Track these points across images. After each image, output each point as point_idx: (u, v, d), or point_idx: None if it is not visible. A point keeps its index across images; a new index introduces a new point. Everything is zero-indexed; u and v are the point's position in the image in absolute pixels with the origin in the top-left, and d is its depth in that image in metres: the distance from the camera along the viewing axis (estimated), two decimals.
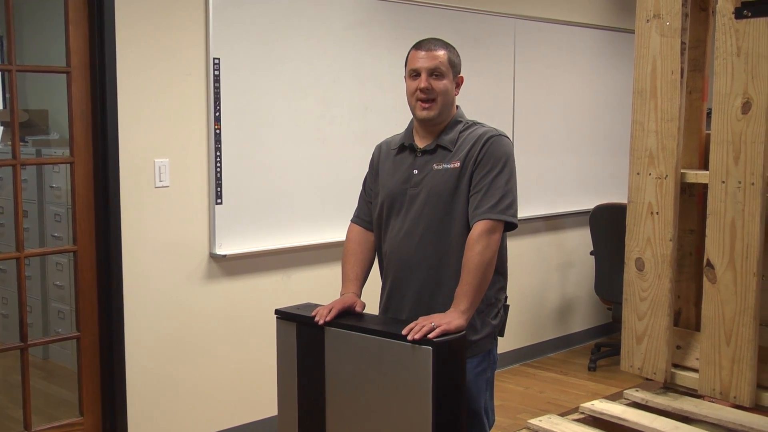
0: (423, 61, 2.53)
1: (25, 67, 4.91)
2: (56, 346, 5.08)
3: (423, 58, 2.54)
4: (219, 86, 3.75)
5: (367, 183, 2.79)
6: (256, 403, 4.02)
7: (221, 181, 3.79)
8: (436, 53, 2.54)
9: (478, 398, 2.56)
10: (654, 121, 2.99)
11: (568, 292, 5.73)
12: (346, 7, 4.18)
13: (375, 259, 2.74)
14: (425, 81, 2.52)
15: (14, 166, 3.40)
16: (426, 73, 2.52)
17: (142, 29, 3.53)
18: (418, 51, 2.56)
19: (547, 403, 4.63)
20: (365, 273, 2.70)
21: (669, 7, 2.93)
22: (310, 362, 2.51)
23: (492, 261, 2.46)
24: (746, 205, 2.78)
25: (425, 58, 2.53)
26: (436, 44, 2.57)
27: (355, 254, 2.70)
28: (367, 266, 2.72)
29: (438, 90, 2.53)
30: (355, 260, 2.69)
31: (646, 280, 3.03)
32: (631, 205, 3.09)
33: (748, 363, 2.80)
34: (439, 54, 2.54)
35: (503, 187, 2.48)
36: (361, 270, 2.68)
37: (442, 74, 2.54)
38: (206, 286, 3.84)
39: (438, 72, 2.53)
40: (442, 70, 2.53)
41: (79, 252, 3.52)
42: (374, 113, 4.32)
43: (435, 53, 2.54)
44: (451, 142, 2.56)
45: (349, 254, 2.71)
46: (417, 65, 2.54)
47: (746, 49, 2.76)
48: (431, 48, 2.55)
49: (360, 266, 2.69)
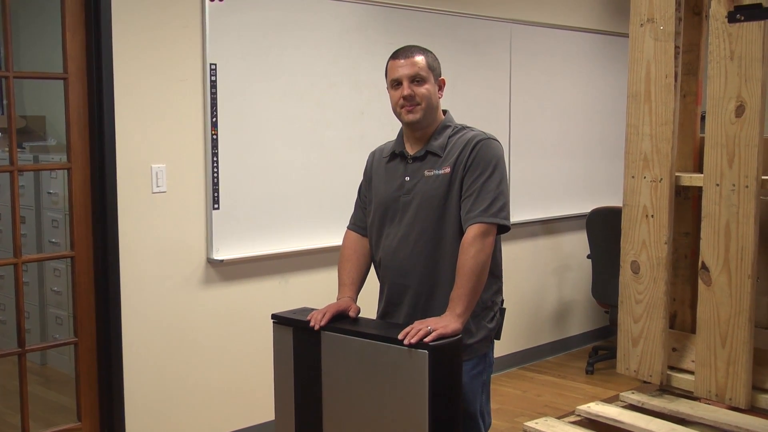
0: (402, 69, 2.55)
1: (23, 74, 4.91)
2: (54, 351, 5.08)
3: (402, 66, 2.55)
4: (215, 92, 3.76)
5: (362, 190, 2.80)
6: (253, 407, 4.03)
7: (218, 186, 3.79)
8: (414, 59, 2.55)
9: (474, 401, 2.57)
10: (648, 125, 3.01)
11: (565, 295, 5.74)
12: (342, 13, 4.20)
13: (371, 264, 2.76)
14: (407, 88, 2.53)
15: (11, 172, 3.41)
16: (407, 80, 2.54)
17: (139, 36, 3.55)
18: (397, 60, 2.57)
19: (544, 407, 4.64)
20: (361, 278, 2.71)
21: (663, 12, 2.94)
22: (306, 366, 2.52)
23: (486, 264, 2.47)
24: (740, 207, 2.79)
25: (404, 66, 2.55)
26: (413, 51, 2.58)
27: (350, 260, 2.72)
28: (362, 271, 2.72)
29: (420, 95, 2.54)
30: (351, 266, 2.71)
31: (642, 283, 3.05)
32: (626, 209, 3.10)
33: (743, 365, 2.81)
34: (417, 60, 2.55)
35: (494, 190, 2.50)
36: (356, 275, 2.69)
37: (423, 79, 2.55)
38: (203, 291, 3.84)
39: (419, 78, 2.54)
40: (422, 75, 2.55)
41: (77, 258, 3.52)
42: (370, 118, 4.33)
43: (413, 59, 2.55)
44: (441, 148, 2.57)
45: (345, 260, 2.73)
46: (397, 74, 2.56)
47: (739, 52, 2.78)
48: (408, 55, 2.56)
49: (355, 271, 2.70)
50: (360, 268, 2.71)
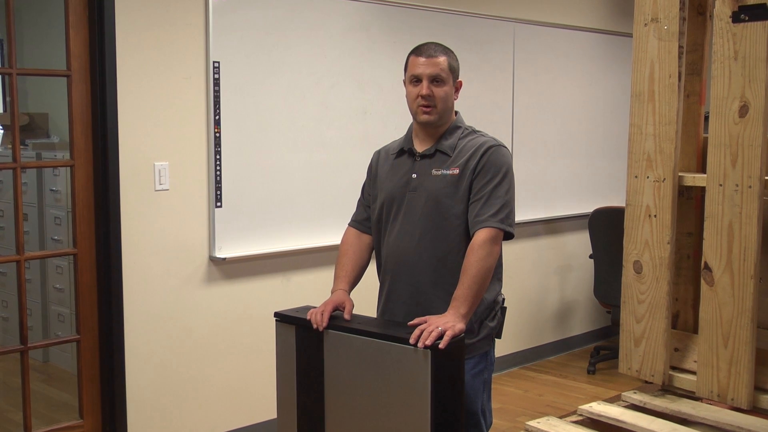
0: (424, 67, 2.55)
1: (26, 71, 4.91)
2: (56, 349, 5.09)
3: (424, 65, 2.55)
4: (219, 89, 3.76)
5: (365, 189, 2.81)
6: (255, 405, 4.03)
7: (221, 184, 3.80)
8: (437, 59, 2.56)
9: (475, 399, 2.58)
10: (652, 125, 3.00)
11: (568, 295, 5.74)
12: (345, 11, 4.20)
13: (369, 259, 2.76)
14: (427, 88, 2.54)
15: (15, 169, 3.41)
16: (427, 79, 2.54)
17: (143, 33, 3.55)
18: (419, 57, 2.57)
19: (546, 406, 4.64)
20: (356, 271, 2.72)
21: (667, 11, 2.94)
22: (309, 365, 2.52)
23: (492, 268, 2.50)
24: (744, 208, 2.79)
25: (426, 65, 2.55)
26: (436, 50, 2.58)
27: (347, 254, 2.73)
28: (358, 264, 2.73)
29: (439, 96, 2.55)
30: (346, 259, 2.72)
31: (644, 283, 3.04)
32: (629, 208, 3.09)
33: (745, 365, 2.81)
34: (439, 60, 2.56)
35: (503, 196, 2.52)
36: (351, 268, 2.70)
37: (443, 80, 2.56)
38: (206, 289, 3.85)
39: (439, 78, 2.55)
40: (442, 77, 2.56)
41: (79, 255, 3.53)
42: (373, 117, 4.33)
43: (436, 59, 2.56)
44: (451, 148, 2.59)
45: (341, 254, 2.75)
46: (418, 71, 2.56)
47: (743, 52, 2.77)
48: (432, 54, 2.56)
49: (350, 264, 2.71)
50: (355, 262, 2.72)
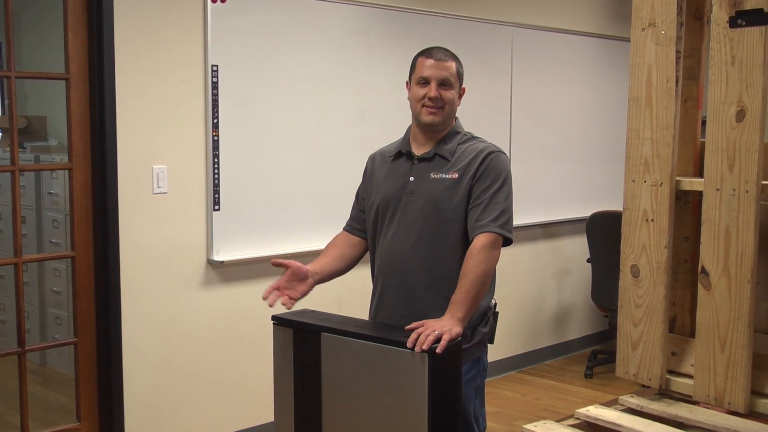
0: (433, 70, 2.57)
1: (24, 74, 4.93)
2: (54, 351, 5.08)
3: (433, 68, 2.57)
4: (217, 93, 3.76)
5: (359, 194, 2.82)
6: (252, 408, 4.03)
7: (219, 188, 3.80)
8: (446, 64, 2.58)
9: (468, 405, 2.58)
10: (649, 129, 3.01)
11: (565, 299, 5.74)
12: (344, 15, 4.20)
13: (356, 258, 2.78)
14: (435, 90, 2.56)
15: (13, 172, 3.41)
16: (436, 82, 2.56)
17: (141, 37, 3.55)
18: (428, 59, 2.59)
19: (543, 410, 4.64)
20: (330, 263, 2.72)
21: (664, 16, 2.95)
22: (306, 368, 2.52)
23: (491, 273, 2.50)
24: (740, 212, 2.80)
25: (435, 68, 2.57)
26: (446, 54, 2.61)
27: (330, 246, 2.78)
28: (336, 255, 2.74)
29: (446, 100, 2.58)
30: (326, 251, 2.76)
31: (642, 287, 3.05)
32: (626, 213, 3.10)
33: (742, 369, 2.81)
34: (449, 65, 2.58)
35: (503, 202, 2.53)
36: (326, 260, 2.72)
37: (451, 85, 2.58)
38: (204, 293, 3.85)
39: (447, 82, 2.57)
40: (451, 81, 2.58)
41: (77, 258, 3.53)
42: (371, 121, 4.33)
43: (445, 64, 2.58)
44: (450, 152, 2.60)
45: (325, 247, 2.79)
46: (427, 74, 2.57)
47: (741, 57, 2.78)
48: (442, 58, 2.58)
49: (325, 258, 2.73)
50: (334, 258, 2.74)
